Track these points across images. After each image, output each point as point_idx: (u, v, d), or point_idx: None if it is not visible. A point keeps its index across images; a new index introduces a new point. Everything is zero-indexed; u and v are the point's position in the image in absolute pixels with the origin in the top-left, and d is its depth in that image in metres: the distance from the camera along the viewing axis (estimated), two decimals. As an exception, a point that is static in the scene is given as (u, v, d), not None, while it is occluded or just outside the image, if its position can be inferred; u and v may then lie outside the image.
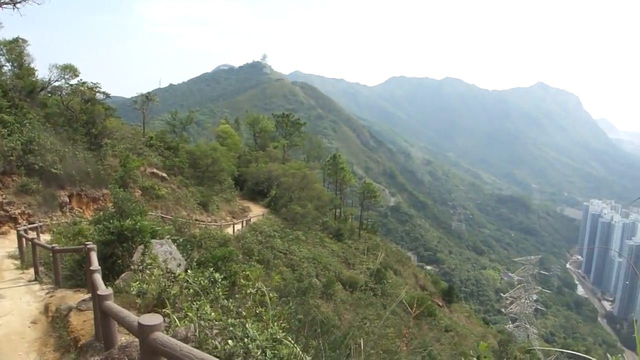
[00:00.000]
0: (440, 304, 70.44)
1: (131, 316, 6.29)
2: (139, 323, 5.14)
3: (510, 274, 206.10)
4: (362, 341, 6.42)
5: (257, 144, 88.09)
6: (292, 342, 6.59)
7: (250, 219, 52.98)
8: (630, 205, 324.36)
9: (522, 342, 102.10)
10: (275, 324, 6.88)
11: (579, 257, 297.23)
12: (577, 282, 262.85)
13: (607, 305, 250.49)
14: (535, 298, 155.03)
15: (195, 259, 20.18)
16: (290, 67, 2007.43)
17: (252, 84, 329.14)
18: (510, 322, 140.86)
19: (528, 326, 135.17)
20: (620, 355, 4.50)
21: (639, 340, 3.94)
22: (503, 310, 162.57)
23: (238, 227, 47.02)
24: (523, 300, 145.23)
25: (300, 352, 6.46)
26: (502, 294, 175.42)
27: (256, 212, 60.06)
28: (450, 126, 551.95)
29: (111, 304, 7.32)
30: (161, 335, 4.83)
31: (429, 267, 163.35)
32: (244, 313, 7.48)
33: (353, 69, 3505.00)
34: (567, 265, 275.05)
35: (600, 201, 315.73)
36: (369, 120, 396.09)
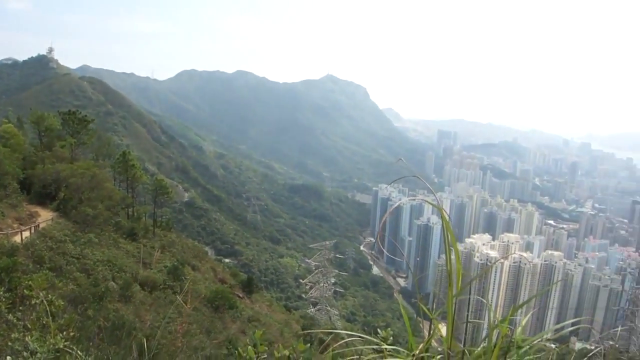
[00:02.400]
0: (241, 295, 70.03)
1: None
2: None
3: (307, 260, 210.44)
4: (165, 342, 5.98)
5: (43, 144, 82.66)
6: (78, 351, 6.03)
7: (39, 225, 49.54)
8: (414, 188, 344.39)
9: (325, 324, 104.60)
10: (61, 334, 6.16)
11: (372, 239, 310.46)
12: (371, 263, 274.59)
13: (401, 281, 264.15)
14: (333, 281, 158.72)
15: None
16: (79, 61, 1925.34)
17: (38, 80, 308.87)
18: (311, 306, 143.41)
19: (329, 308, 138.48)
20: (389, 328, 4.77)
21: (404, 313, 4.81)
22: (304, 295, 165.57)
23: (27, 234, 43.77)
24: (322, 285, 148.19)
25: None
26: (301, 280, 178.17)
27: (45, 216, 56.13)
28: (242, 119, 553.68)
29: None
30: None
31: (227, 260, 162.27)
32: (30, 325, 6.67)
33: (143, 62, 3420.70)
34: (361, 248, 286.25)
35: (389, 185, 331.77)
36: (160, 115, 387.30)
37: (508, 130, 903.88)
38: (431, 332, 4.41)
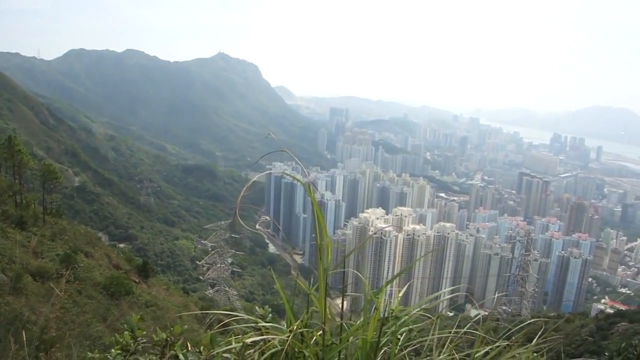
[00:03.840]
0: (137, 280, 68.91)
1: None
2: None
3: (203, 242, 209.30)
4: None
5: None
6: None
7: None
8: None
9: (224, 304, 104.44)
10: None
11: (267, 217, 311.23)
12: (267, 241, 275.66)
13: (298, 258, 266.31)
14: (230, 261, 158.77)
15: None
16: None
17: None
18: (209, 287, 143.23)
19: (227, 289, 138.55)
20: (267, 306, 4.94)
21: (280, 289, 4.83)
22: (201, 277, 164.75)
23: None
24: (219, 265, 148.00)
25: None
26: (198, 262, 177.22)
27: None
28: (133, 100, 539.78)
29: None
30: None
31: (121, 245, 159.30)
32: None
33: (29, 40, 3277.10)
34: (257, 227, 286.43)
35: (282, 163, 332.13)
36: (48, 98, 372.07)
37: (399, 107, 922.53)
38: (308, 307, 4.45)
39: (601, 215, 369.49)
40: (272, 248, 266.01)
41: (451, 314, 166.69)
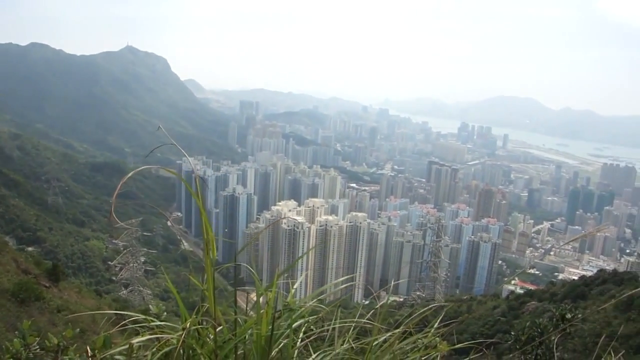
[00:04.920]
0: (48, 285, 68.54)
1: None
2: None
3: (114, 241, 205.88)
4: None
5: None
6: None
7: None
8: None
9: (140, 305, 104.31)
10: None
11: (179, 213, 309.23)
12: (180, 238, 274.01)
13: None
14: (143, 260, 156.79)
15: None
16: None
17: None
18: (123, 288, 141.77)
19: (142, 289, 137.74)
20: (162, 304, 5.07)
21: (172, 286, 4.90)
22: (114, 278, 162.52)
23: None
24: (132, 265, 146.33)
25: None
26: (110, 262, 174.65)
27: None
28: (38, 96, 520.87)
29: None
30: None
31: (30, 249, 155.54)
32: None
33: None
34: (169, 223, 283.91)
35: (193, 158, 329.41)
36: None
37: (309, 99, 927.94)
38: (201, 303, 4.58)
39: (508, 200, 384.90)
40: (185, 244, 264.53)
41: (366, 302, 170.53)
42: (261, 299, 4.57)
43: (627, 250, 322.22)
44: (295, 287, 5.09)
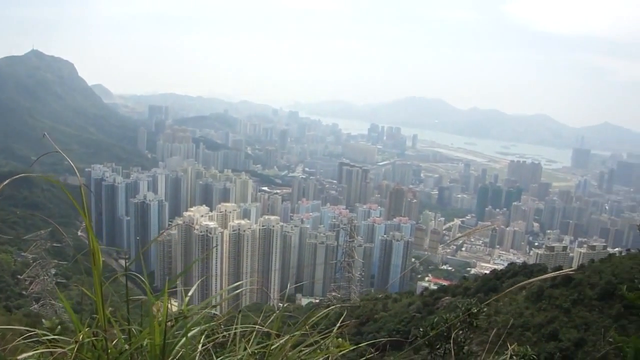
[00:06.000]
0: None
1: None
2: None
3: (23, 254, 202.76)
4: None
5: None
6: None
7: None
8: (130, 167, 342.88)
9: (52, 318, 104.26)
10: None
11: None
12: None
13: (123, 263, 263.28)
14: (54, 272, 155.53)
15: None
16: None
17: None
18: (34, 302, 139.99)
19: (54, 302, 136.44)
20: (55, 318, 5.33)
21: (62, 298, 5.03)
22: (24, 292, 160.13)
23: None
24: (42, 278, 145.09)
25: None
26: (19, 277, 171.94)
27: None
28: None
29: None
30: None
31: None
32: None
33: None
34: (79, 233, 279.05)
35: (102, 165, 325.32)
36: None
37: (219, 102, 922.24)
38: (99, 314, 4.53)
39: (419, 199, 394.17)
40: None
41: (282, 305, 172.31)
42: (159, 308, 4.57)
43: (536, 243, 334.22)
44: (190, 294, 5.08)
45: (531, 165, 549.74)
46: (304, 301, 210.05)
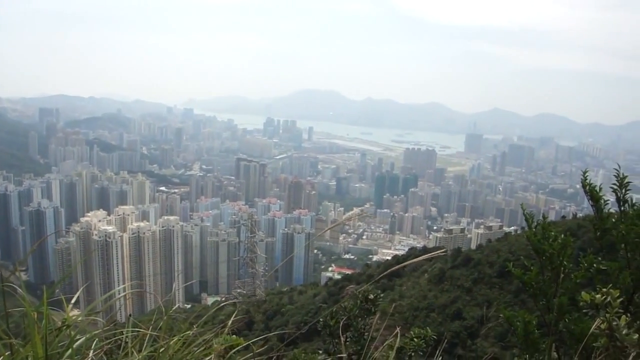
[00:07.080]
0: None
1: None
2: None
3: None
4: None
5: None
6: None
7: None
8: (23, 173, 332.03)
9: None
10: None
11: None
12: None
13: (23, 275, 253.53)
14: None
15: None
16: None
17: None
18: None
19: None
20: None
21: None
22: None
23: None
24: None
25: None
26: None
27: None
28: None
29: None
30: None
31: None
32: None
33: None
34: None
35: None
36: None
37: (111, 103, 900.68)
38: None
39: (318, 190, 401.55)
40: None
41: (188, 306, 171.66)
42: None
43: (435, 227, 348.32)
44: (72, 301, 4.77)
45: (426, 152, 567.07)
46: (210, 300, 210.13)
